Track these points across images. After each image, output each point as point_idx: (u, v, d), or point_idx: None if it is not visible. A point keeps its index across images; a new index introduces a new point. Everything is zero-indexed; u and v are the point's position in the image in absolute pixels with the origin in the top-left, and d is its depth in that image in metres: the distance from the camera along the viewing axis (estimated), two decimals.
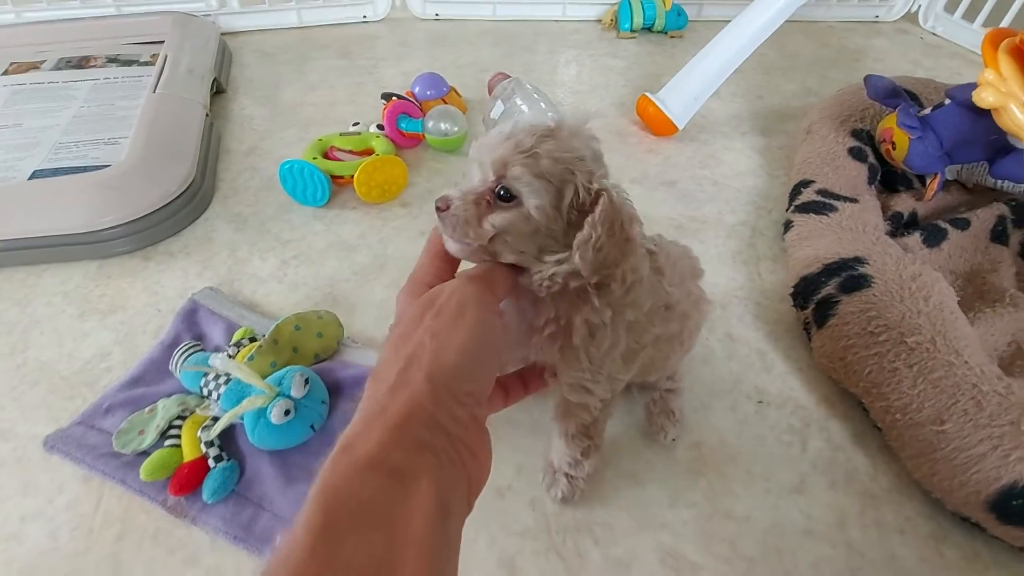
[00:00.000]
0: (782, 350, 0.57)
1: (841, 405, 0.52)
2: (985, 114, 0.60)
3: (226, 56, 0.99)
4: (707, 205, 0.74)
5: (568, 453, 0.42)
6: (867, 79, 0.71)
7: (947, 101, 0.65)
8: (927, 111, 0.67)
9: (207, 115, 0.80)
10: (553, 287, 0.32)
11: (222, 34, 1.04)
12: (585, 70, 1.04)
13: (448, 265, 0.33)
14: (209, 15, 1.06)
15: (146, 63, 0.92)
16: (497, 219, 0.31)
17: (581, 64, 1.06)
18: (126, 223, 0.61)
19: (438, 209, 0.32)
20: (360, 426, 0.25)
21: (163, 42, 0.92)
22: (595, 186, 0.30)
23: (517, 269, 0.32)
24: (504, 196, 0.30)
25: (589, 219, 0.30)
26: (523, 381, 0.37)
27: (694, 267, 0.44)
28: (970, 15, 1.16)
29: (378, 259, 0.63)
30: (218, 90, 0.91)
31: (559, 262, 0.31)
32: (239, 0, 1.07)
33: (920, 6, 1.26)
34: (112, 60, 0.92)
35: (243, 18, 1.09)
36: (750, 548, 0.43)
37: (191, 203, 0.66)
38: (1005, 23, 1.06)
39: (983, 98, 0.56)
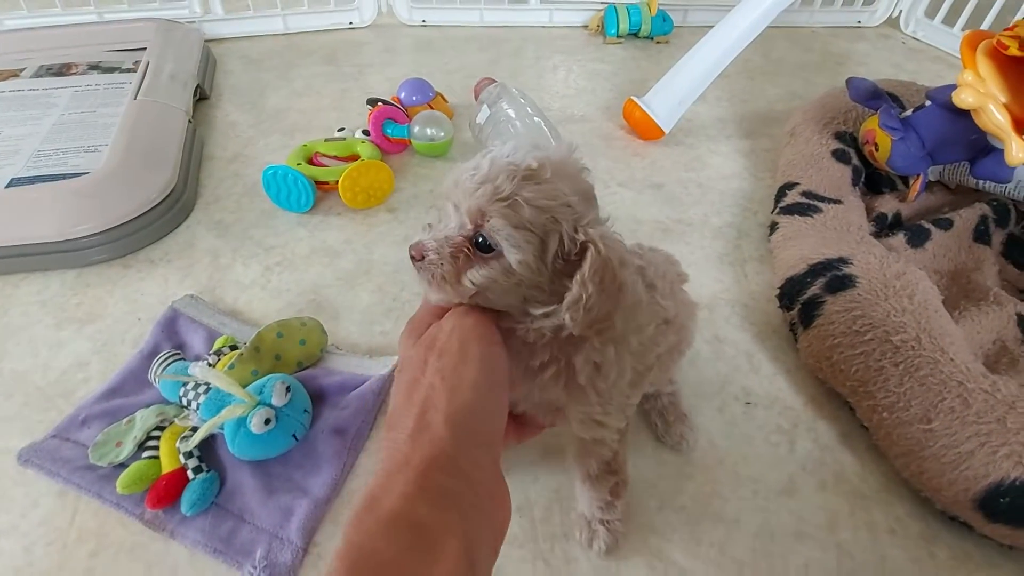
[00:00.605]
0: (769, 351, 0.56)
1: (828, 405, 0.52)
2: (965, 115, 0.60)
3: (210, 63, 0.98)
4: (693, 208, 0.74)
5: (596, 497, 0.40)
6: (849, 81, 0.72)
7: (928, 103, 0.65)
8: (908, 113, 0.67)
9: (190, 121, 0.79)
10: (543, 339, 0.31)
11: (206, 41, 1.04)
12: (572, 75, 1.04)
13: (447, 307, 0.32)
14: (193, 22, 1.05)
15: (128, 70, 0.91)
16: (477, 275, 0.29)
17: (568, 69, 1.06)
18: (104, 231, 0.60)
19: (412, 258, 0.30)
20: (383, 478, 0.25)
21: (145, 49, 0.91)
22: (581, 236, 0.28)
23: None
24: (483, 246, 0.29)
25: (578, 276, 0.28)
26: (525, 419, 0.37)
27: (678, 272, 0.43)
28: (950, 19, 1.18)
29: (363, 264, 0.63)
30: (202, 97, 0.90)
31: (546, 315, 0.29)
32: (224, 6, 1.06)
33: (901, 11, 1.28)
34: (94, 67, 0.91)
35: (228, 25, 1.09)
36: (739, 551, 0.42)
37: (172, 210, 0.65)
38: (984, 27, 1.08)
39: (962, 99, 0.57)
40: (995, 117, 0.56)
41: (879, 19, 1.29)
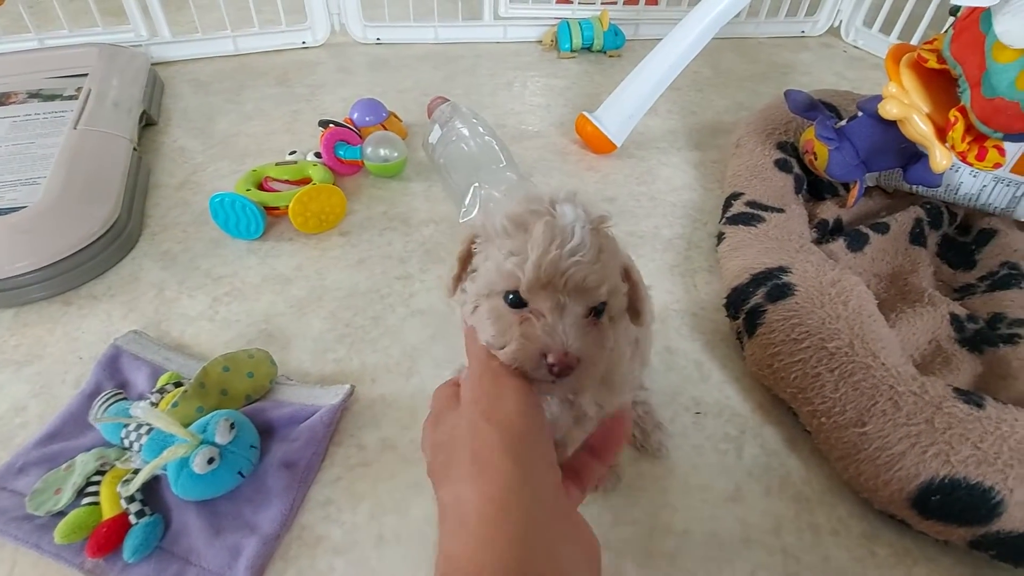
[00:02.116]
0: (719, 359, 0.58)
1: (775, 411, 0.53)
2: (893, 124, 0.63)
3: (157, 87, 0.96)
4: (645, 220, 0.75)
5: None
6: (787, 94, 0.75)
7: (859, 113, 0.68)
8: (843, 123, 0.70)
9: (135, 149, 0.77)
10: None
11: (154, 64, 1.02)
12: (526, 91, 1.06)
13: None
14: (139, 45, 1.03)
15: (70, 97, 0.88)
16: (609, 341, 0.29)
17: (523, 85, 1.07)
18: (43, 267, 0.58)
19: (553, 371, 0.27)
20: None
21: (88, 75, 0.89)
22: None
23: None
24: (599, 311, 0.29)
25: (640, 288, 0.32)
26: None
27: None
28: (887, 28, 1.23)
29: (315, 291, 0.62)
30: (148, 122, 0.88)
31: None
32: (171, 29, 1.04)
33: (842, 21, 1.33)
34: (34, 95, 0.88)
35: (176, 47, 1.07)
36: (689, 561, 0.43)
37: (115, 243, 0.64)
38: (918, 34, 1.13)
39: (888, 110, 0.59)
40: (919, 127, 0.59)
41: (821, 29, 1.35)
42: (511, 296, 0.28)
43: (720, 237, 0.68)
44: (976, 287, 0.65)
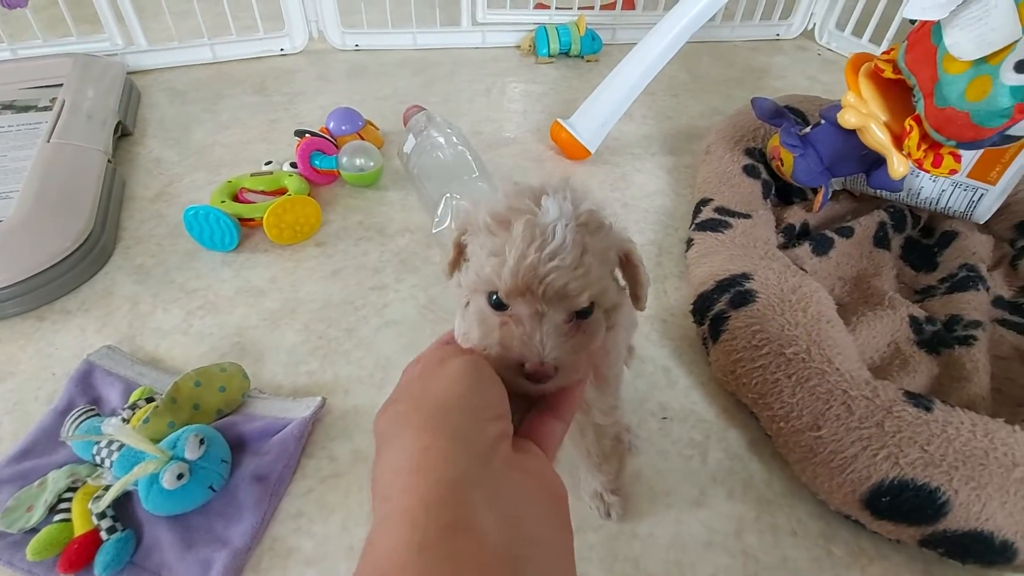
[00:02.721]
0: (686, 365, 0.59)
1: (739, 415, 0.55)
2: (854, 132, 0.65)
3: (133, 97, 0.96)
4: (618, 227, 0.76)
5: (609, 470, 0.43)
6: (754, 102, 0.76)
7: (822, 120, 0.70)
8: (807, 130, 0.72)
9: (109, 161, 0.77)
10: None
11: (130, 73, 1.02)
12: (504, 97, 1.06)
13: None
14: (115, 54, 1.03)
15: (44, 108, 0.88)
16: (597, 340, 0.29)
17: (501, 91, 1.08)
18: (16, 283, 0.58)
19: (531, 379, 0.27)
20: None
21: (62, 85, 0.88)
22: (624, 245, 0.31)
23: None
24: (584, 313, 0.28)
25: (639, 272, 0.31)
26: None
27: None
28: (859, 31, 1.25)
29: (289, 303, 0.63)
30: (124, 133, 0.88)
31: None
32: (147, 37, 1.04)
33: (815, 24, 1.35)
34: (7, 107, 0.88)
35: (152, 56, 1.07)
36: (653, 566, 0.44)
37: (88, 257, 0.64)
38: (888, 36, 1.15)
39: (846, 119, 0.61)
40: (877, 135, 0.61)
41: (795, 32, 1.37)
42: (493, 297, 0.28)
43: (689, 243, 0.69)
44: (936, 289, 0.67)
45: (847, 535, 0.47)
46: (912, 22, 0.62)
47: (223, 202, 0.70)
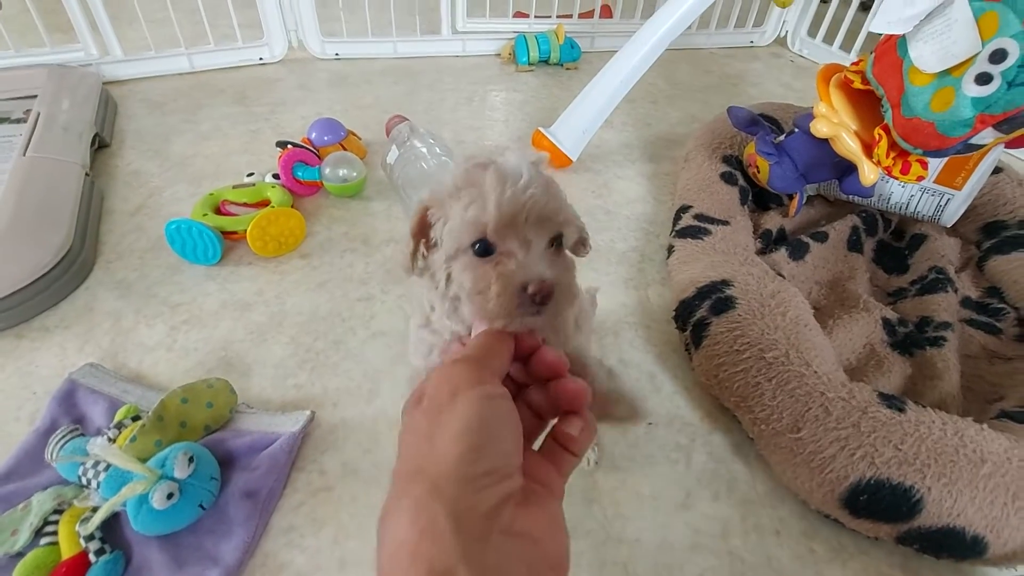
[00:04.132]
0: (670, 370, 0.60)
1: (722, 418, 0.56)
2: (827, 140, 0.67)
3: (109, 108, 0.95)
4: (600, 234, 0.78)
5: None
6: (729, 111, 0.78)
7: (796, 129, 0.72)
8: (782, 138, 0.74)
9: (87, 175, 0.76)
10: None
11: (105, 83, 1.00)
12: (486, 105, 1.07)
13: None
14: (90, 64, 1.01)
15: (19, 120, 0.87)
16: (571, 276, 0.31)
17: (482, 100, 1.09)
18: None
19: (535, 300, 0.28)
20: None
21: (37, 96, 0.87)
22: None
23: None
24: (558, 241, 0.31)
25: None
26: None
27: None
28: (829, 38, 1.29)
29: (275, 316, 0.63)
30: (101, 145, 0.87)
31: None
32: (123, 47, 1.03)
33: (787, 31, 1.39)
34: None
35: (128, 66, 1.05)
36: (641, 569, 0.45)
37: (68, 272, 0.63)
38: (857, 44, 1.19)
39: (818, 129, 0.63)
40: (847, 144, 0.63)
41: (769, 39, 1.40)
42: (478, 245, 0.29)
43: (670, 250, 0.71)
44: (908, 291, 0.70)
45: (828, 533, 0.48)
46: (879, 34, 0.65)
47: (205, 215, 0.70)
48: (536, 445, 0.29)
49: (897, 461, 0.44)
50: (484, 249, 0.29)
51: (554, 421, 0.30)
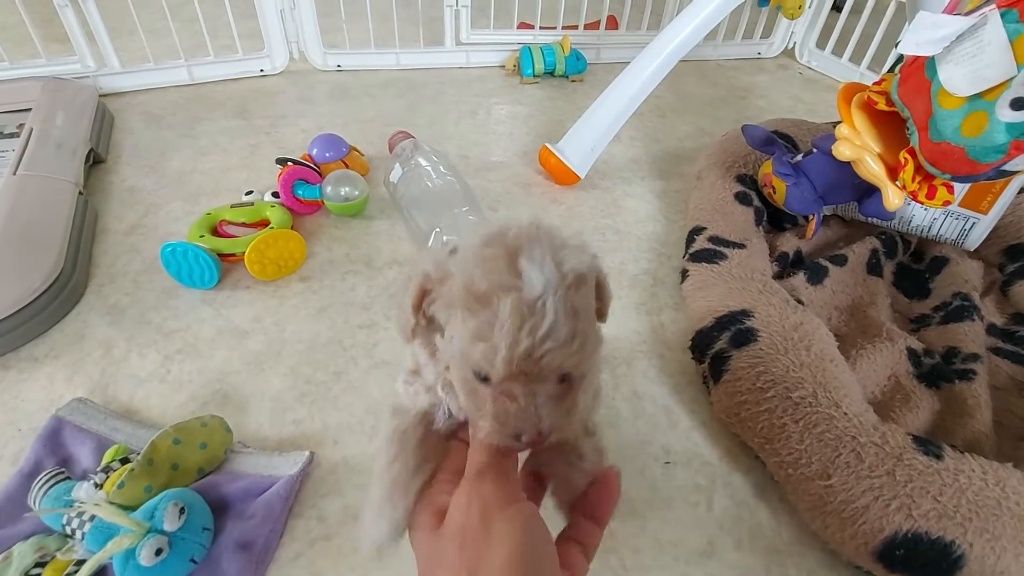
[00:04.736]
0: (686, 404, 0.58)
1: (743, 457, 0.53)
2: (848, 162, 0.64)
3: (106, 122, 0.92)
4: (610, 255, 0.75)
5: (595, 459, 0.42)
6: (744, 129, 0.76)
7: (814, 148, 0.70)
8: (799, 158, 0.72)
9: (81, 193, 0.74)
10: None
11: (102, 96, 0.98)
12: (490, 119, 1.05)
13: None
14: (86, 76, 0.99)
15: (12, 135, 0.84)
16: (582, 403, 0.28)
17: (487, 113, 1.07)
18: None
19: (527, 444, 0.26)
20: None
21: (31, 110, 0.84)
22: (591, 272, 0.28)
23: None
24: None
25: (601, 286, 0.29)
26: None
27: None
28: (839, 50, 1.27)
29: (274, 345, 0.60)
30: (96, 160, 0.85)
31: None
32: (120, 59, 1.00)
33: (796, 43, 1.37)
34: None
35: (126, 78, 1.03)
36: None
37: (58, 298, 0.60)
38: (868, 55, 1.16)
39: (841, 152, 0.61)
40: (871, 167, 0.60)
41: (776, 50, 1.38)
42: (482, 375, 0.26)
43: (684, 274, 0.68)
44: (931, 317, 0.67)
45: None
46: (889, 49, 0.62)
47: (202, 236, 0.67)
48: None
49: (936, 514, 0.41)
50: (485, 377, 0.26)
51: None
